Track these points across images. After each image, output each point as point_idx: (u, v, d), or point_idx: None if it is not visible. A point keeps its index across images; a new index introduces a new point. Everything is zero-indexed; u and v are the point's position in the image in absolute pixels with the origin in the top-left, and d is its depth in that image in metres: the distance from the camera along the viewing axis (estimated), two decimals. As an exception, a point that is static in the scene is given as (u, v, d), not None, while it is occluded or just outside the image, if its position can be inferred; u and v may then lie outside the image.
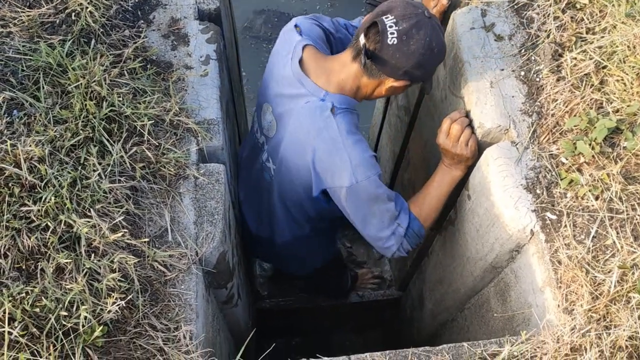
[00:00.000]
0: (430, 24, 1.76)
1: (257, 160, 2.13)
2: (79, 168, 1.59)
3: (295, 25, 1.99)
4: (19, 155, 1.54)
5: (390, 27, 1.73)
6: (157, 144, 1.70)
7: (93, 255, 1.49)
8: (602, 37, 1.87)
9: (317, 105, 1.84)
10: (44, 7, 1.87)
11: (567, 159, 1.73)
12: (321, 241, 2.46)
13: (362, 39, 1.78)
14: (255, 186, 2.21)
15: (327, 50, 2.03)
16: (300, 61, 1.89)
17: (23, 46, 1.77)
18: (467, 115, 1.89)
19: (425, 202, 1.99)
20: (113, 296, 1.43)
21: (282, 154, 1.95)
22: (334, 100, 1.85)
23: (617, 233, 1.61)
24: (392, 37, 1.73)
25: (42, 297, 1.40)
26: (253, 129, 2.16)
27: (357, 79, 1.87)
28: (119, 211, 1.56)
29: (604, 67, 1.83)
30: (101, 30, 1.86)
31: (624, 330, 1.46)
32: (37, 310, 1.38)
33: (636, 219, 1.62)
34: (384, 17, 1.75)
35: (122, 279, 1.48)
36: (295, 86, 1.89)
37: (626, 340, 1.45)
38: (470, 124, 1.88)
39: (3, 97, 1.65)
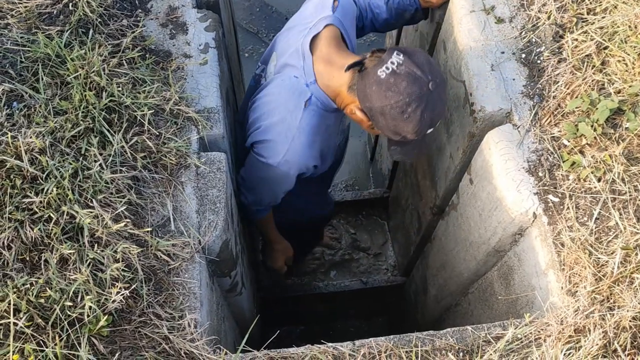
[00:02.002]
0: (424, 94, 1.64)
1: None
2: (80, 159, 1.59)
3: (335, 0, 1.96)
4: (20, 147, 1.53)
5: (392, 63, 1.66)
6: (158, 134, 1.70)
7: (96, 245, 1.49)
8: (603, 17, 1.86)
9: (299, 87, 1.87)
10: (40, -3, 1.86)
11: (569, 141, 1.73)
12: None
13: (367, 54, 1.76)
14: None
15: (353, 31, 2.02)
16: (316, 37, 1.88)
17: (21, 37, 1.76)
18: None
19: None
20: (117, 286, 1.44)
21: (256, 101, 2.01)
22: (315, 92, 1.86)
23: (620, 214, 1.61)
24: (383, 71, 1.66)
25: (47, 288, 1.41)
26: (256, 69, 2.17)
27: (341, 87, 1.83)
28: (121, 201, 1.56)
29: (605, 48, 1.82)
30: (99, 20, 1.84)
31: (627, 310, 1.46)
32: (42, 301, 1.39)
33: (639, 200, 1.62)
34: (397, 51, 1.68)
35: (126, 269, 1.48)
36: (296, 57, 1.91)
37: (630, 321, 1.45)
38: None
39: (2, 89, 1.65)
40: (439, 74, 1.69)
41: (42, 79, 1.69)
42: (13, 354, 1.32)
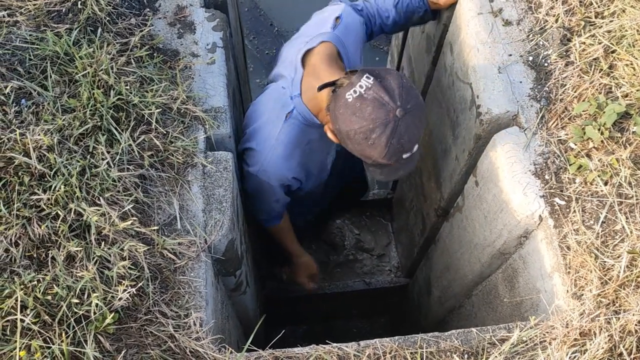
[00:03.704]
0: (390, 120, 1.56)
1: None
2: (88, 157, 1.59)
3: (337, 17, 1.95)
4: (28, 144, 1.54)
5: (361, 86, 1.58)
6: (165, 132, 1.71)
7: (103, 243, 1.50)
8: (611, 21, 1.85)
9: (284, 98, 1.90)
10: (49, -5, 1.86)
11: (575, 144, 1.72)
12: None
13: (343, 74, 1.70)
14: None
15: (355, 49, 1.99)
16: (310, 51, 1.88)
17: (30, 35, 1.76)
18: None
19: None
20: (123, 284, 1.44)
21: (250, 107, 2.04)
22: (297, 107, 1.87)
23: (627, 218, 1.61)
24: (351, 94, 1.59)
25: (54, 285, 1.41)
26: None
27: (322, 104, 1.79)
28: (128, 199, 1.57)
29: (613, 52, 1.82)
30: (107, 18, 1.85)
31: (633, 314, 1.46)
32: (49, 297, 1.39)
33: (645, 204, 1.62)
34: (368, 74, 1.60)
35: (132, 267, 1.49)
36: (290, 69, 1.92)
37: (636, 325, 1.45)
38: None
39: (11, 87, 1.66)
40: (412, 99, 1.59)
41: (51, 76, 1.69)
42: (20, 350, 1.32)
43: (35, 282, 1.41)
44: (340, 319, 3.80)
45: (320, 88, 1.73)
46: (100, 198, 1.54)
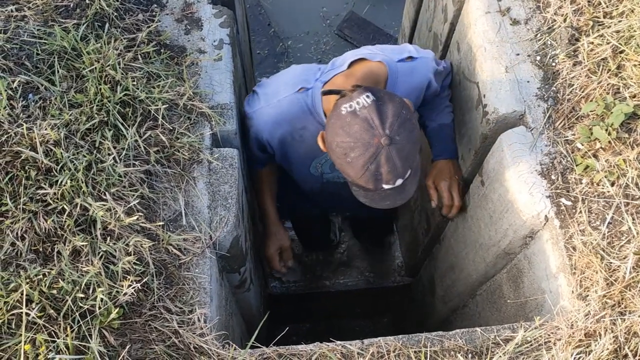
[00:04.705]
0: (372, 145, 1.51)
1: None
2: (94, 152, 1.60)
3: (412, 57, 1.90)
4: (35, 138, 1.55)
5: (358, 102, 1.54)
6: (171, 128, 1.71)
7: (109, 238, 1.50)
8: (620, 21, 1.85)
9: (310, 75, 1.88)
10: (57, -10, 1.87)
11: (582, 145, 1.72)
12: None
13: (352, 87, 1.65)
14: None
15: (407, 93, 1.88)
16: (364, 60, 1.83)
17: (38, 30, 1.77)
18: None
19: None
20: (128, 279, 1.45)
21: None
22: (314, 89, 1.83)
23: (633, 219, 1.60)
24: (345, 107, 1.55)
25: (59, 279, 1.42)
26: None
27: (330, 107, 1.71)
28: (133, 195, 1.57)
29: (622, 52, 1.81)
30: (115, 14, 1.85)
31: (639, 316, 1.46)
32: (54, 292, 1.40)
33: (652, 206, 1.61)
34: (369, 94, 1.56)
35: (138, 262, 1.49)
36: (338, 61, 1.88)
37: (641, 327, 1.45)
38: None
39: (19, 81, 1.66)
40: (404, 132, 1.54)
41: (58, 71, 1.70)
42: (25, 344, 1.33)
43: (41, 276, 1.42)
44: (343, 318, 3.81)
45: (325, 93, 1.72)
46: (106, 193, 1.54)
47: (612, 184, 1.65)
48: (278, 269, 2.31)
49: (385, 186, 1.58)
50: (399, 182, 1.58)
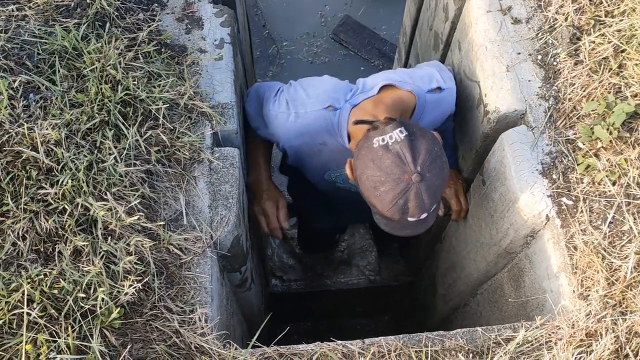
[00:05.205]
0: (403, 181, 1.52)
1: None
2: (95, 152, 1.60)
3: (441, 89, 1.91)
4: (36, 138, 1.55)
5: (391, 137, 1.54)
6: (172, 128, 1.71)
7: (110, 238, 1.50)
8: (622, 20, 1.84)
9: (341, 95, 1.88)
10: (58, -10, 1.87)
11: (584, 144, 1.72)
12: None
13: (383, 119, 1.66)
14: None
15: (431, 122, 1.94)
16: (394, 87, 1.85)
17: (39, 30, 1.77)
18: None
19: None
20: (130, 279, 1.45)
21: None
22: (343, 111, 1.83)
23: (635, 219, 1.60)
24: (378, 141, 1.55)
25: (60, 280, 1.42)
26: None
27: (359, 135, 1.72)
28: (134, 195, 1.57)
29: (623, 51, 1.80)
30: (116, 13, 1.85)
31: (640, 316, 1.46)
32: (56, 292, 1.40)
33: (654, 205, 1.61)
34: (404, 128, 1.55)
35: (139, 262, 1.49)
36: (369, 84, 1.90)
37: (642, 327, 1.45)
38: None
39: (20, 81, 1.66)
40: (435, 170, 1.55)
41: (59, 71, 1.70)
42: (26, 344, 1.33)
43: (42, 277, 1.42)
44: (344, 317, 3.81)
45: (357, 122, 1.70)
46: (107, 193, 1.54)
47: (614, 184, 1.65)
48: (275, 227, 2.10)
49: (411, 219, 1.60)
50: (425, 215, 1.60)
